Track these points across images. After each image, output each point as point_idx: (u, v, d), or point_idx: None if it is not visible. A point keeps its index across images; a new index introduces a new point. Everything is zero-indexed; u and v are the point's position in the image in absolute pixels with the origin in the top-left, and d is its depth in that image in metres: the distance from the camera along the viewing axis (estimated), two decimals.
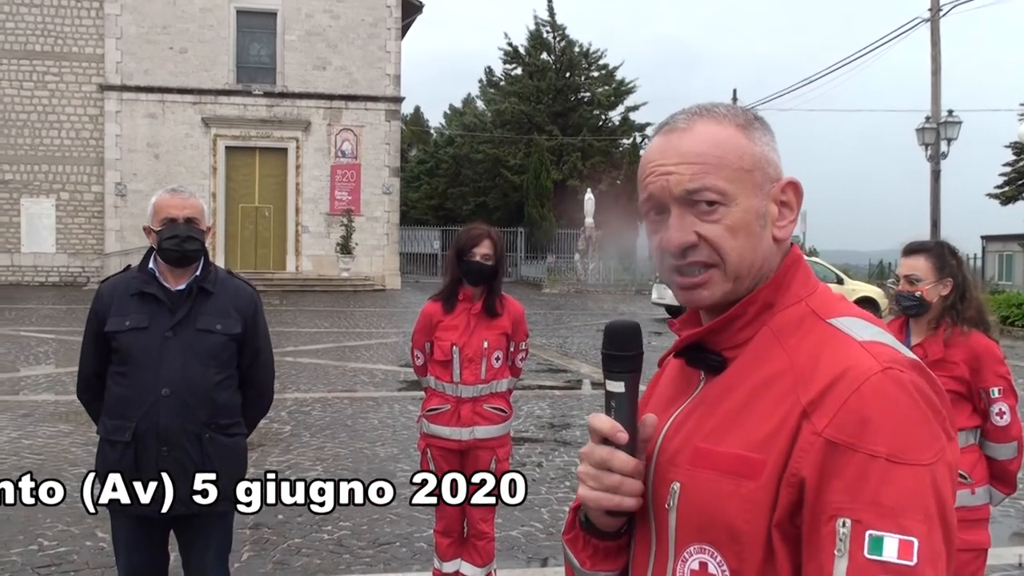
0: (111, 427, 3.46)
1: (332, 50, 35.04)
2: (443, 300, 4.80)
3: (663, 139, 1.39)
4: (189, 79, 33.85)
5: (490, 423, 4.83)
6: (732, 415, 1.29)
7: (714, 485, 1.26)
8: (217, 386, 3.48)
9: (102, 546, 5.99)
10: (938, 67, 26.24)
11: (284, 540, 6.15)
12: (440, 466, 4.83)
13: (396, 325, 22.05)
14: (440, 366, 4.78)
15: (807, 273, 1.38)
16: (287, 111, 34.65)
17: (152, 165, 33.50)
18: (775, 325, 1.33)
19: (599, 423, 1.36)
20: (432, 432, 4.82)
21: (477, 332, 4.76)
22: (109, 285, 3.58)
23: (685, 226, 1.34)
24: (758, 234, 1.34)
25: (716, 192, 1.32)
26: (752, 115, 1.40)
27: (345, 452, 8.72)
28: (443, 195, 54.96)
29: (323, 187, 34.75)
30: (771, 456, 1.22)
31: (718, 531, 1.26)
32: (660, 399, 1.49)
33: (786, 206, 1.36)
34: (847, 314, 1.32)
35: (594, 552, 1.45)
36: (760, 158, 1.35)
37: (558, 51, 49.62)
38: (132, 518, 3.49)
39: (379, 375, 13.92)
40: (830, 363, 1.23)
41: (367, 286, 33.71)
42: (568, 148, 47.16)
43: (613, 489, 1.34)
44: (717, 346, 1.37)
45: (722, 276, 1.35)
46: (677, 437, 1.36)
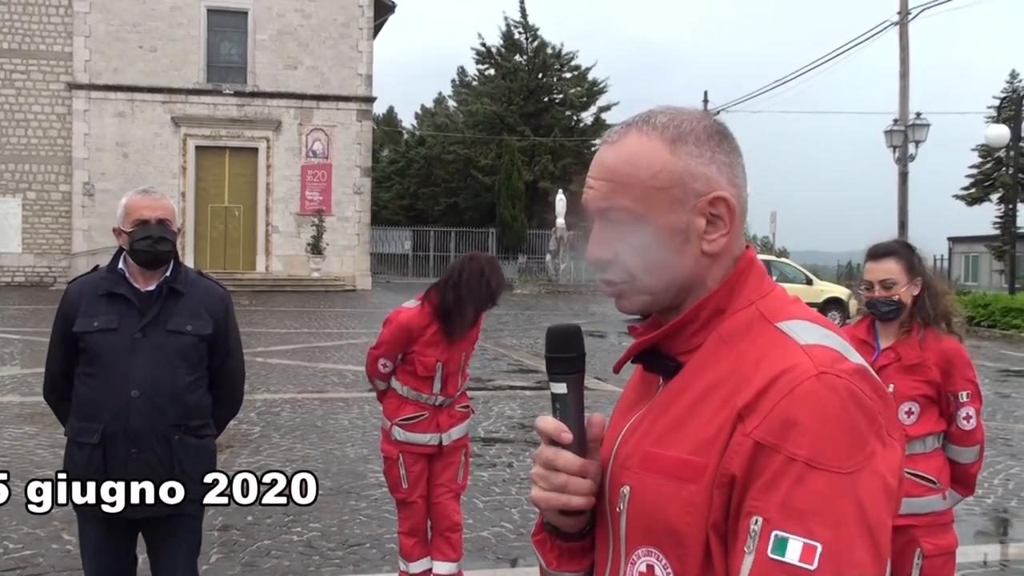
0: (79, 429, 3.44)
1: (303, 49, 34.89)
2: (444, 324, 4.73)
3: (600, 149, 1.42)
4: (159, 78, 33.59)
5: (461, 421, 4.98)
6: (679, 420, 1.30)
7: (659, 489, 1.28)
8: (187, 387, 3.46)
9: (68, 548, 5.95)
10: (906, 70, 26.50)
11: (253, 542, 6.13)
12: (413, 470, 4.85)
13: (367, 326, 21.97)
14: (419, 379, 4.78)
15: (760, 276, 1.38)
16: (258, 111, 34.47)
17: (121, 165, 33.22)
18: (724, 330, 1.33)
19: (544, 424, 1.38)
20: (409, 440, 4.82)
21: (458, 346, 4.82)
22: (77, 285, 3.56)
23: (602, 241, 1.38)
24: (675, 250, 1.34)
25: (624, 211, 1.34)
26: (691, 127, 1.37)
27: (315, 453, 8.69)
28: (414, 195, 54.89)
29: (294, 187, 34.59)
30: (711, 459, 1.23)
31: (662, 534, 1.27)
32: (623, 403, 1.51)
33: (718, 219, 1.35)
34: (795, 317, 1.32)
35: (559, 553, 1.48)
36: (682, 173, 1.33)
37: (530, 52, 49.67)
38: (100, 520, 3.47)
39: (349, 376, 13.88)
40: (769, 366, 1.23)
41: (337, 286, 33.60)
42: (540, 149, 47.23)
43: (560, 488, 1.36)
44: (671, 351, 1.38)
45: (634, 291, 1.38)
46: (631, 441, 1.37)
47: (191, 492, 3.50)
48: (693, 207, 1.34)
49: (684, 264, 1.35)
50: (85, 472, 3.40)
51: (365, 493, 7.35)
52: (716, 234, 1.35)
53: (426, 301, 4.80)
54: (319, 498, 7.09)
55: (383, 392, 4.99)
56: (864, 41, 28.26)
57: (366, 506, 7.01)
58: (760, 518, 1.15)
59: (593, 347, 18.84)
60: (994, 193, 42.88)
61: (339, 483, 7.65)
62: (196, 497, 3.54)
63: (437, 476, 4.95)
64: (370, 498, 7.23)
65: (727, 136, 1.40)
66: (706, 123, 1.39)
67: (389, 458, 4.91)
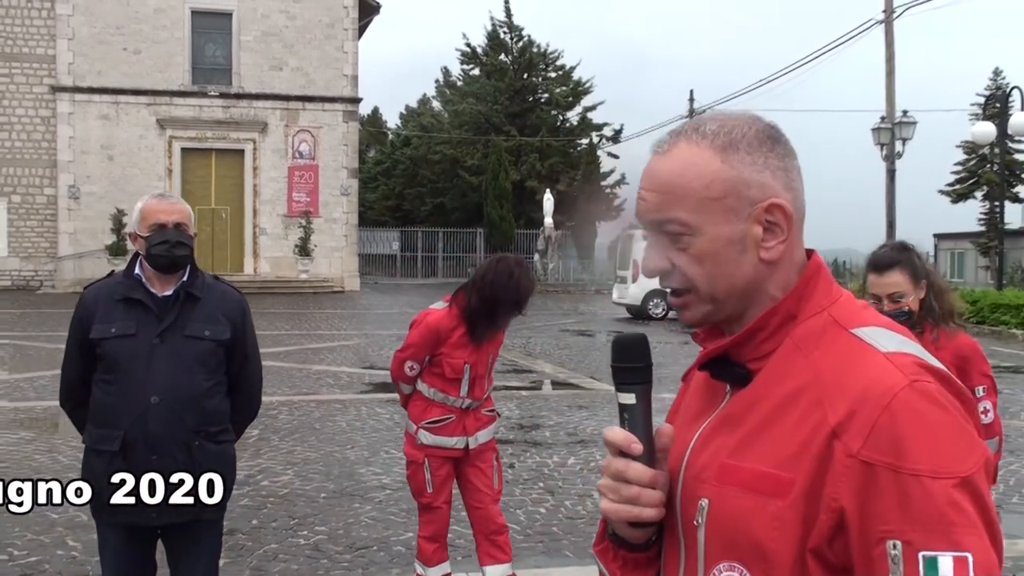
0: (97, 436, 3.40)
1: (289, 51, 34.81)
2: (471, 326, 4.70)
3: (650, 160, 1.40)
4: (143, 80, 33.47)
5: (487, 425, 4.92)
6: (757, 430, 1.29)
7: (741, 502, 1.26)
8: (206, 393, 3.43)
9: (74, 555, 5.91)
10: (892, 67, 26.61)
11: (260, 546, 6.10)
12: (439, 474, 4.78)
13: (357, 327, 21.95)
14: (446, 381, 4.74)
15: (829, 282, 1.37)
16: (243, 112, 34.38)
17: (106, 167, 33.07)
18: (797, 336, 1.32)
19: (613, 435, 1.36)
20: (435, 443, 4.76)
21: (485, 349, 4.79)
22: (93, 291, 3.53)
23: (659, 252, 1.37)
24: (732, 259, 1.33)
25: (678, 224, 1.33)
26: (742, 133, 1.35)
27: (315, 456, 8.66)
28: (400, 196, 54.79)
29: (280, 188, 34.52)
30: (799, 475, 1.21)
31: (746, 549, 1.25)
32: (686, 413, 1.48)
33: (774, 226, 1.33)
34: (870, 323, 1.31)
35: (624, 564, 1.45)
36: (735, 182, 1.32)
37: (516, 52, 49.65)
38: (120, 527, 3.44)
39: (344, 377, 13.85)
40: (856, 378, 1.21)
41: (326, 288, 33.53)
42: (526, 148, 47.21)
43: (631, 501, 1.34)
44: (741, 358, 1.36)
45: (697, 300, 1.37)
46: (704, 452, 1.35)
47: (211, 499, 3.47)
48: (749, 215, 1.32)
49: (743, 272, 1.34)
50: (104, 479, 3.37)
51: (369, 495, 7.32)
52: (774, 241, 1.33)
53: (454, 303, 4.75)
54: (323, 501, 7.14)
55: (408, 396, 4.92)
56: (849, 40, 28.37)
57: (371, 508, 6.98)
58: (899, 541, 1.13)
59: (585, 346, 18.85)
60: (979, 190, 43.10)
61: (342, 486, 7.61)
62: (217, 503, 3.51)
63: (469, 481, 4.89)
64: (374, 500, 7.20)
65: (779, 139, 1.37)
66: (757, 128, 1.37)
67: (414, 462, 4.83)
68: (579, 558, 6.06)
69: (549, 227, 39.13)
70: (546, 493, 7.50)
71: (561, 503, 7.23)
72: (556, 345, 18.61)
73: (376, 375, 14.16)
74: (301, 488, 7.52)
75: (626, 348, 1.41)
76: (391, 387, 12.91)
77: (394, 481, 7.77)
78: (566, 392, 12.91)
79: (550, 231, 39.12)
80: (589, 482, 7.88)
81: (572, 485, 7.76)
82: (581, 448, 9.22)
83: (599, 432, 9.98)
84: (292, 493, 7.36)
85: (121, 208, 31.72)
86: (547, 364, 15.75)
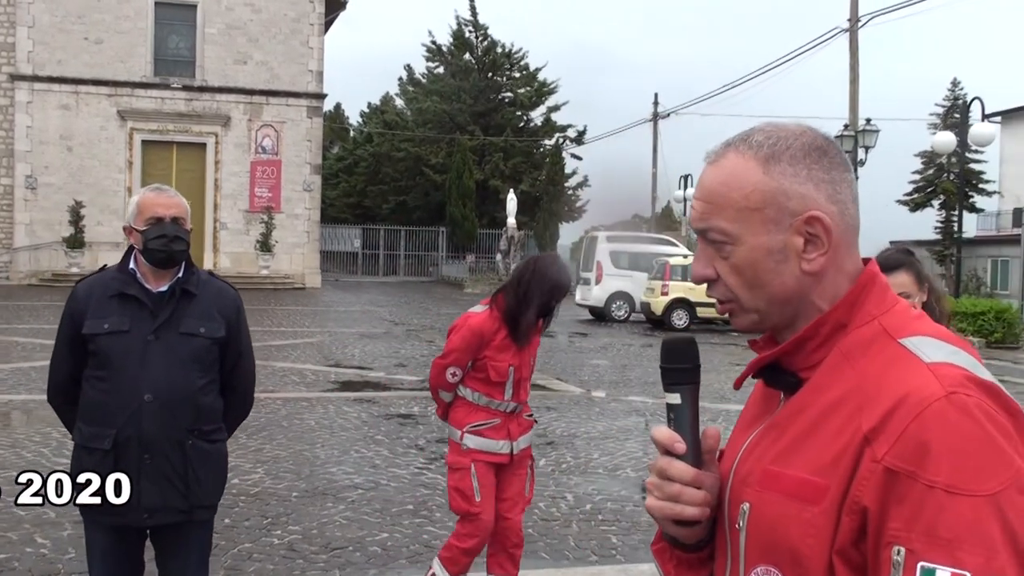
0: (88, 434, 3.34)
1: (253, 44, 34.50)
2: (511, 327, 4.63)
3: (704, 168, 1.42)
4: (104, 70, 32.98)
5: (528, 431, 4.85)
6: (800, 438, 1.30)
7: (780, 508, 1.28)
8: (200, 391, 3.38)
9: (43, 552, 5.82)
10: (856, 75, 26.92)
11: (233, 545, 6.03)
12: (485, 481, 4.66)
13: (320, 324, 21.81)
14: (491, 385, 4.66)
15: (883, 291, 1.37)
16: (206, 105, 34.01)
17: (65, 158, 32.58)
18: (845, 345, 1.32)
19: (659, 434, 1.39)
20: (481, 447, 4.66)
21: (527, 351, 4.74)
22: (85, 286, 3.46)
23: (706, 260, 1.39)
24: (771, 269, 1.34)
25: (719, 232, 1.36)
26: (787, 144, 1.35)
27: (285, 454, 8.59)
28: (362, 193, 54.47)
29: (243, 183, 34.20)
30: (833, 481, 1.22)
31: (782, 553, 1.27)
32: (743, 418, 1.51)
33: (815, 238, 1.33)
34: (920, 333, 1.30)
35: (678, 563, 1.49)
36: (775, 193, 1.33)
37: (480, 51, 49.59)
38: (109, 528, 3.38)
39: (309, 375, 13.75)
40: (894, 386, 1.22)
41: (287, 284, 33.28)
42: (490, 148, 47.17)
43: (673, 498, 1.36)
44: (792, 366, 1.37)
45: (740, 309, 1.39)
46: (751, 458, 1.38)
47: (204, 498, 3.43)
48: (789, 226, 1.33)
49: (785, 283, 1.35)
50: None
51: (341, 495, 7.27)
52: (815, 253, 1.34)
53: (494, 305, 4.69)
54: (295, 500, 7.08)
55: (448, 404, 4.79)
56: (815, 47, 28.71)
57: (344, 508, 6.93)
58: (903, 548, 1.13)
59: (549, 346, 18.87)
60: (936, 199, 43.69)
61: (313, 485, 7.56)
62: (209, 503, 3.47)
63: (504, 490, 4.76)
64: (347, 500, 7.15)
65: (828, 152, 1.37)
66: (804, 140, 1.37)
67: (460, 468, 4.67)
68: (554, 559, 6.07)
69: (512, 227, 39.08)
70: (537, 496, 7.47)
71: (535, 505, 7.20)
72: None
73: (342, 373, 14.09)
74: (272, 487, 7.45)
75: (675, 350, 1.44)
76: (358, 386, 12.96)
77: (366, 481, 7.73)
78: (534, 393, 12.82)
79: (513, 231, 39.07)
80: (561, 484, 7.89)
81: (544, 487, 7.76)
82: (551, 450, 9.22)
83: (568, 434, 10.00)
84: (264, 492, 7.29)
85: (80, 200, 31.34)
86: None
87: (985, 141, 23.73)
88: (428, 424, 10.24)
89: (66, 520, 6.40)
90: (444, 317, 24.48)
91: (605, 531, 6.65)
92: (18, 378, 12.51)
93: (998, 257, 42.07)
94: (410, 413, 10.92)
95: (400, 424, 10.22)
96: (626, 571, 5.95)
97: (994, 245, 43.04)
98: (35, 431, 9.22)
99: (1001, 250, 41.87)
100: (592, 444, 9.54)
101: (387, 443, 9.23)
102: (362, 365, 15.06)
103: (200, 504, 3.41)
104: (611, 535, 6.58)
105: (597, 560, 6.05)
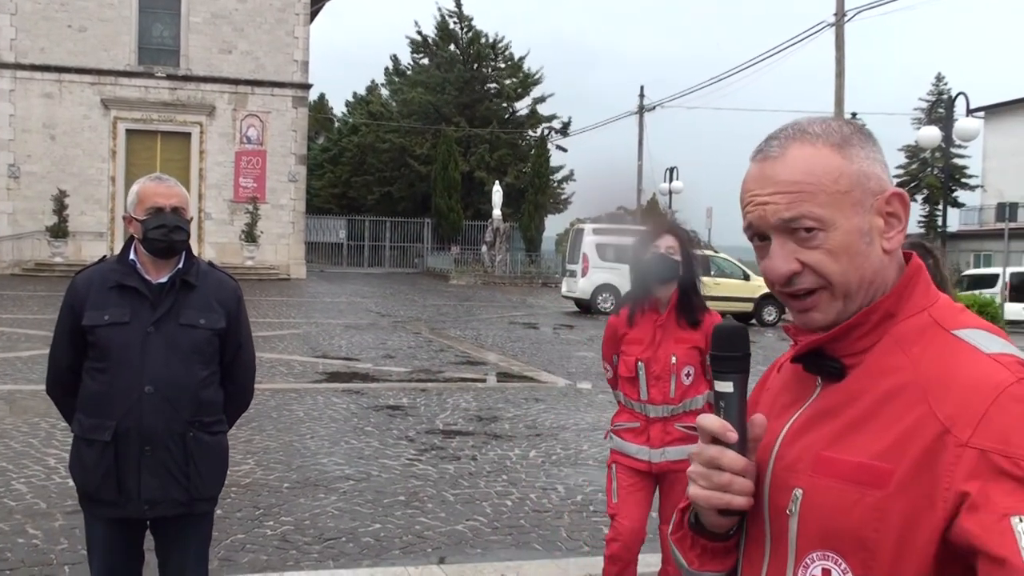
0: (88, 425, 3.32)
1: (238, 34, 34.31)
2: (628, 312, 4.44)
3: (758, 167, 1.41)
4: (88, 59, 32.74)
5: (684, 443, 4.30)
6: (856, 424, 1.31)
7: (839, 493, 1.28)
8: (201, 383, 3.37)
9: (35, 543, 5.79)
10: (842, 69, 26.98)
11: (226, 535, 6.02)
12: (623, 483, 4.40)
13: (306, 315, 21.76)
14: (627, 382, 4.42)
15: (928, 283, 1.40)
16: (191, 95, 33.82)
17: (48, 147, 32.35)
18: (897, 334, 1.35)
19: (708, 423, 1.38)
20: (619, 448, 4.46)
21: (664, 346, 4.34)
22: (85, 277, 3.43)
23: (787, 254, 1.37)
24: (864, 252, 1.36)
25: (813, 219, 1.35)
26: (849, 130, 1.40)
27: (275, 445, 8.57)
28: (347, 184, 54.33)
29: (227, 173, 34.05)
30: (900, 465, 1.23)
31: (844, 539, 1.27)
32: (775, 404, 1.50)
33: (893, 216, 1.38)
34: (971, 326, 1.34)
35: (702, 552, 1.48)
36: (858, 176, 1.36)
37: (465, 42, 49.50)
38: (109, 520, 3.37)
39: (297, 366, 13.72)
40: (963, 375, 1.25)
41: (272, 275, 33.19)
42: (475, 139, 47.13)
43: (723, 488, 1.36)
44: (836, 353, 1.39)
45: (831, 297, 1.38)
46: (797, 444, 1.38)
47: (205, 491, 3.42)
48: (871, 207, 1.37)
49: (872, 264, 1.37)
50: (96, 471, 3.30)
51: (333, 486, 7.27)
52: (893, 231, 1.38)
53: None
54: (287, 491, 7.07)
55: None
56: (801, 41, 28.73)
57: (336, 499, 6.93)
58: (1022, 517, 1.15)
59: (536, 339, 18.89)
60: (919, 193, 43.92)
61: (305, 476, 7.55)
62: (210, 495, 3.46)
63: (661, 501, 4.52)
64: (339, 491, 7.15)
65: (873, 137, 1.43)
66: (854, 126, 1.42)
67: (608, 466, 4.56)
68: (547, 550, 6.07)
69: (497, 219, 39.11)
70: (510, 486, 7.50)
71: (526, 496, 7.24)
72: (508, 338, 18.62)
73: (330, 364, 14.07)
74: (263, 478, 7.44)
75: (727, 338, 1.43)
76: (346, 377, 12.96)
77: (357, 472, 7.73)
78: (522, 385, 12.92)
79: (498, 223, 39.09)
80: (552, 475, 7.90)
81: (535, 478, 7.77)
82: (541, 441, 9.24)
83: (557, 425, 10.02)
84: (255, 483, 7.28)
85: (63, 189, 31.14)
86: (499, 356, 15.77)
87: (970, 136, 23.84)
88: (417, 416, 10.24)
89: (57, 511, 6.38)
90: (430, 309, 24.47)
91: (597, 522, 6.66)
92: (3, 368, 12.43)
93: (980, 252, 42.33)
94: (399, 404, 10.91)
95: (389, 415, 10.22)
96: None
97: (976, 239, 43.31)
98: (23, 421, 9.17)
99: (983, 244, 42.15)
100: (581, 436, 9.56)
101: (377, 434, 9.23)
102: (349, 356, 15.04)
103: (201, 496, 3.41)
104: (603, 526, 6.59)
105: (590, 551, 6.06)
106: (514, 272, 39.07)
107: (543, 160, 44.69)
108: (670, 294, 4.37)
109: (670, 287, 4.36)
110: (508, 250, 39.34)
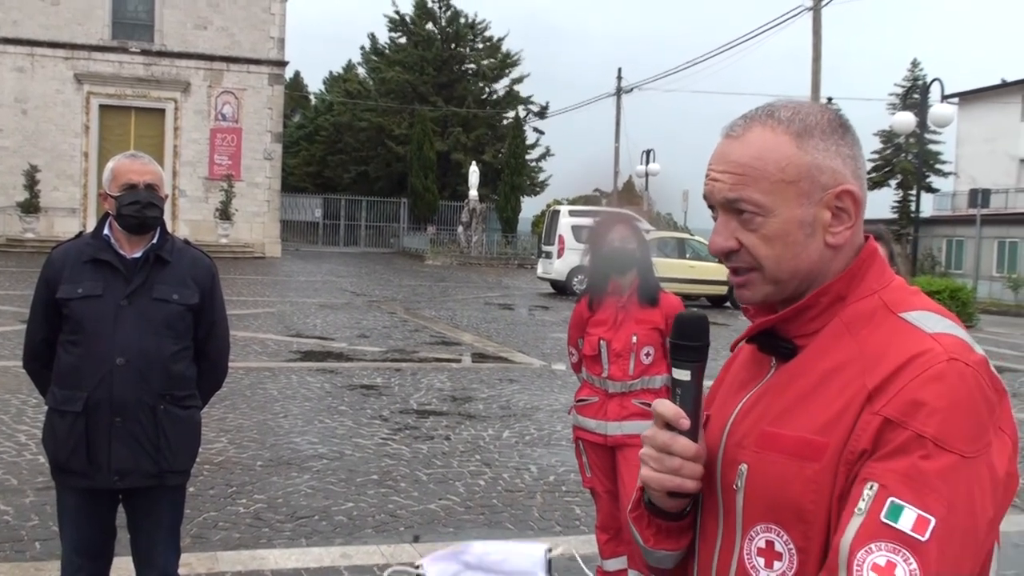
0: (61, 397, 3.33)
1: (214, 9, 33.98)
2: (587, 300, 4.66)
3: (722, 143, 1.43)
4: (61, 32, 32.34)
5: (641, 418, 4.48)
6: (799, 400, 1.34)
7: (780, 467, 1.32)
8: (173, 357, 3.38)
9: (6, 519, 5.79)
10: (819, 54, 27.09)
11: (199, 513, 6.02)
12: (593, 461, 4.67)
13: (280, 294, 21.68)
14: (591, 360, 4.64)
15: (882, 267, 1.42)
16: (165, 71, 33.50)
17: (19, 121, 31.99)
18: (846, 316, 1.37)
19: (663, 409, 1.40)
20: (579, 424, 4.70)
21: (626, 326, 4.55)
22: (60, 251, 3.44)
23: (728, 232, 1.41)
24: (801, 242, 1.37)
25: (752, 204, 1.37)
26: (816, 119, 1.39)
27: (248, 423, 8.56)
28: (322, 162, 54.04)
29: (202, 150, 33.79)
30: (833, 439, 1.27)
31: (784, 511, 1.31)
32: (732, 383, 1.53)
33: (843, 212, 1.38)
34: (919, 308, 1.36)
35: (657, 531, 1.51)
36: (809, 167, 1.36)
37: (444, 21, 49.26)
38: (80, 491, 3.38)
39: (271, 345, 13.69)
40: (898, 351, 1.28)
41: (247, 253, 33.01)
42: (452, 119, 46.98)
43: (674, 471, 1.39)
44: (788, 333, 1.42)
45: (761, 279, 1.41)
46: (746, 421, 1.41)
47: (175, 463, 3.43)
48: (819, 200, 1.37)
49: (808, 255, 1.38)
50: (67, 441, 3.31)
51: (306, 465, 7.28)
52: (841, 227, 1.39)
53: None
54: (260, 469, 7.08)
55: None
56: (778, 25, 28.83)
57: (309, 478, 6.94)
58: (876, 484, 1.19)
59: (511, 320, 18.92)
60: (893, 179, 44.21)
61: (278, 454, 7.55)
62: (181, 468, 3.47)
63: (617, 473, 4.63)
64: (312, 470, 7.16)
65: (849, 129, 1.42)
66: (829, 116, 1.41)
67: (574, 442, 4.81)
68: (519, 530, 6.11)
69: (474, 199, 39.04)
70: (483, 466, 7.54)
71: (499, 476, 7.27)
72: (483, 319, 18.63)
73: (304, 343, 14.04)
74: (236, 456, 7.44)
75: (687, 327, 1.45)
76: (320, 356, 12.96)
77: (331, 451, 7.74)
78: (496, 365, 12.94)
79: (474, 203, 39.04)
80: (525, 455, 7.94)
81: (509, 458, 7.81)
82: (515, 421, 9.27)
83: (531, 406, 10.06)
84: (228, 461, 7.28)
85: (35, 164, 30.83)
86: (474, 337, 15.78)
87: (944, 122, 24.01)
88: (392, 395, 10.25)
89: (28, 488, 6.36)
90: (405, 289, 24.42)
91: (569, 502, 6.71)
92: None
93: (952, 237, 42.66)
94: (373, 384, 10.92)
95: (363, 395, 10.22)
96: (590, 541, 5.99)
97: (949, 225, 43.63)
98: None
99: (956, 230, 42.47)
100: (555, 416, 9.61)
101: (351, 413, 9.23)
102: (324, 335, 15.01)
103: (171, 469, 3.42)
104: (575, 506, 6.64)
105: (561, 531, 6.11)
106: (490, 253, 39.04)
107: (519, 141, 44.60)
108: (632, 280, 4.61)
109: (631, 275, 4.61)
110: (484, 231, 39.31)
